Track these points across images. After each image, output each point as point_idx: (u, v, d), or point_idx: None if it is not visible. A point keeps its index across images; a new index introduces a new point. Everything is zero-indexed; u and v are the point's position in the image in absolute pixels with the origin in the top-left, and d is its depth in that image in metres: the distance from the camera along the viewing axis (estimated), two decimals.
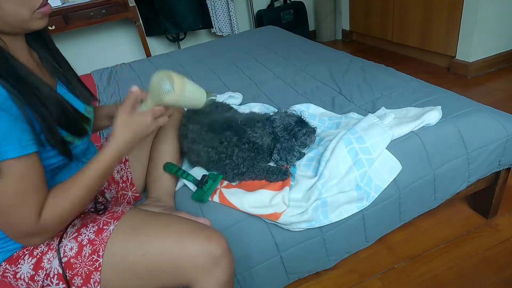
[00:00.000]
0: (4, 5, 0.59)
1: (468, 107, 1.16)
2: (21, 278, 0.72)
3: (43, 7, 0.65)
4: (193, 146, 1.03)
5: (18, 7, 0.61)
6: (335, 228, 1.00)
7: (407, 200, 1.08)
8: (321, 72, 1.62)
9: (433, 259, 1.21)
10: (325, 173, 0.97)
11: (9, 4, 0.59)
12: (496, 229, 1.29)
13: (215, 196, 0.98)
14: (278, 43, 2.16)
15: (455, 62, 2.42)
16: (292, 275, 1.05)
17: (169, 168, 1.02)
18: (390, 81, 1.40)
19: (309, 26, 3.55)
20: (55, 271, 0.71)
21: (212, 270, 0.73)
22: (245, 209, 0.94)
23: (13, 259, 0.72)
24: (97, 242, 0.72)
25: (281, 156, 1.02)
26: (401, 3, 2.70)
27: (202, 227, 0.78)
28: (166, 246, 0.73)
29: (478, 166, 1.14)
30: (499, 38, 2.32)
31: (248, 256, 0.96)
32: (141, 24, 2.89)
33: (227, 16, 3.08)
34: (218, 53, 2.12)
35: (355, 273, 1.20)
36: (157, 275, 0.74)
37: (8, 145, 0.56)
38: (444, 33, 2.41)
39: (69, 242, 0.73)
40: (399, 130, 1.06)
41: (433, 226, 1.33)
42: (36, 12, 0.64)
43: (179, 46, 3.21)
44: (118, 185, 0.99)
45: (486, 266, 1.16)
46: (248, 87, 1.60)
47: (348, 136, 1.02)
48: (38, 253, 0.72)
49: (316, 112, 1.30)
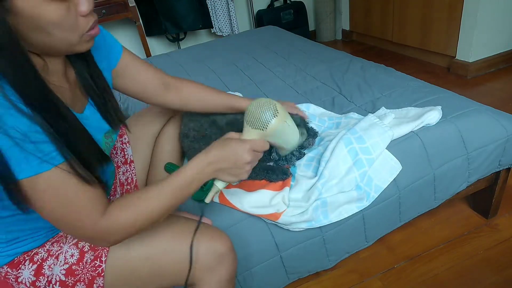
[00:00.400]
0: (54, 31, 0.55)
1: (468, 107, 1.16)
2: (22, 282, 0.71)
3: (92, 30, 0.60)
4: (194, 145, 1.03)
5: (68, 33, 0.57)
6: (335, 228, 1.00)
7: (407, 200, 1.08)
8: (321, 72, 1.62)
9: (433, 259, 1.21)
10: (325, 173, 0.97)
11: (59, 31, 0.55)
12: (496, 229, 1.29)
13: (215, 196, 0.99)
14: (278, 43, 2.16)
15: (455, 62, 2.42)
16: (292, 275, 1.06)
17: (169, 168, 1.02)
18: (390, 81, 1.41)
19: (309, 26, 3.55)
20: (57, 277, 0.70)
21: (216, 268, 0.74)
22: (245, 209, 0.94)
23: (14, 264, 0.71)
24: (99, 248, 0.72)
25: (280, 155, 1.02)
26: (401, 3, 2.70)
27: (205, 226, 0.78)
28: (169, 246, 0.73)
29: (478, 166, 1.14)
30: (499, 38, 2.32)
31: (248, 256, 0.96)
32: (141, 24, 2.89)
33: (227, 16, 3.08)
34: (218, 53, 2.12)
35: (355, 273, 1.20)
36: (160, 276, 0.74)
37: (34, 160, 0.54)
38: (444, 33, 2.41)
39: (70, 248, 0.72)
40: (399, 130, 1.06)
41: (433, 226, 1.33)
42: (85, 35, 0.60)
43: (179, 46, 3.21)
44: (123, 187, 0.99)
45: (486, 266, 1.16)
46: (248, 87, 1.60)
47: (348, 136, 1.02)
48: (38, 260, 0.71)
49: (316, 112, 1.30)
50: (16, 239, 0.70)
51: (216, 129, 1.03)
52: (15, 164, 0.52)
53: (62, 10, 0.54)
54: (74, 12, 0.56)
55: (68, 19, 0.55)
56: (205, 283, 0.74)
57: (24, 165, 0.52)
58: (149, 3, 2.83)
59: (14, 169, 0.52)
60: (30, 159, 0.53)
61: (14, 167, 0.52)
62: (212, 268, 0.74)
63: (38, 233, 0.72)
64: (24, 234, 0.70)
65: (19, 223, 0.68)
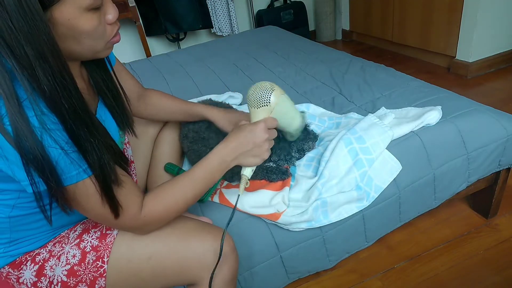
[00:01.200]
0: (85, 40, 0.57)
1: (468, 107, 1.16)
2: (24, 283, 0.71)
3: (115, 37, 0.64)
4: (194, 146, 1.03)
5: (97, 41, 0.59)
6: (335, 228, 1.00)
7: (407, 200, 1.08)
8: (321, 72, 1.62)
9: (433, 259, 1.21)
10: (325, 173, 0.97)
11: (90, 40, 0.58)
12: (496, 229, 1.29)
13: (215, 196, 0.99)
14: (278, 43, 2.16)
15: (455, 62, 2.42)
16: (292, 275, 1.06)
17: (169, 168, 1.02)
18: (390, 81, 1.41)
19: (309, 26, 3.55)
20: (59, 278, 0.70)
21: (218, 268, 0.74)
22: (245, 209, 0.94)
23: (15, 264, 0.71)
24: (101, 248, 0.72)
25: (280, 156, 1.02)
26: (401, 3, 2.70)
27: (207, 226, 0.79)
28: (172, 245, 0.73)
29: (478, 166, 1.14)
30: (499, 38, 2.32)
31: (248, 256, 0.96)
32: (141, 24, 2.89)
33: (227, 16, 3.08)
34: (218, 53, 2.12)
35: (355, 273, 1.20)
36: (163, 276, 0.74)
37: (73, 170, 0.57)
38: (444, 33, 2.41)
39: (71, 249, 0.72)
40: (399, 130, 1.06)
41: (433, 226, 1.33)
42: (109, 43, 0.63)
43: (179, 46, 3.21)
44: None
45: (486, 266, 1.16)
46: (248, 87, 1.59)
47: (348, 136, 1.02)
48: (40, 260, 0.71)
49: (316, 112, 1.30)
50: (19, 239, 0.70)
51: (211, 133, 1.03)
52: (62, 172, 0.55)
53: (95, 20, 0.56)
54: (103, 21, 0.59)
55: (99, 28, 0.58)
56: (207, 282, 0.74)
57: (69, 172, 0.56)
58: (149, 3, 2.83)
59: (61, 176, 0.55)
60: (75, 167, 0.56)
61: (61, 175, 0.55)
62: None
63: (42, 232, 0.72)
64: (28, 234, 0.70)
65: (28, 222, 0.69)
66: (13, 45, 0.48)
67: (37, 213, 0.68)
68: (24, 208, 0.66)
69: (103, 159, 0.59)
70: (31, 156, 0.51)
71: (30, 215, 0.68)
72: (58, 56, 0.52)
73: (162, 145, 1.06)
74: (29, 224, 0.69)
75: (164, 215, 0.70)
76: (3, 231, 0.68)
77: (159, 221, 0.71)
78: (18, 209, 0.66)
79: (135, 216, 0.66)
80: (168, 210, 0.70)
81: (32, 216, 0.68)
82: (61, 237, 0.74)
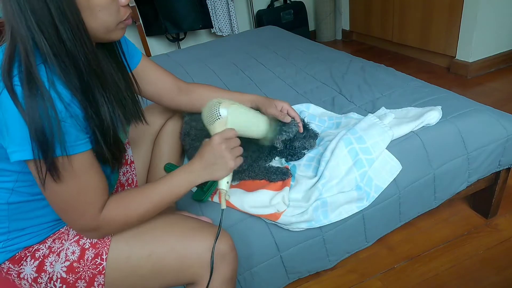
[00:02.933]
0: (100, 14, 0.61)
1: (468, 107, 1.16)
2: (24, 278, 0.72)
3: (127, 19, 0.67)
4: (195, 143, 1.03)
5: (111, 17, 0.63)
6: (335, 228, 1.00)
7: (407, 200, 1.08)
8: (321, 72, 1.62)
9: (433, 259, 1.21)
10: (325, 173, 0.97)
11: (104, 14, 0.62)
12: (496, 229, 1.29)
13: (215, 196, 0.99)
14: (278, 43, 2.16)
15: (455, 62, 2.42)
16: (292, 275, 1.06)
17: (169, 168, 1.02)
18: (390, 81, 1.41)
19: (309, 26, 3.55)
20: (58, 274, 0.71)
21: (218, 267, 0.74)
22: (245, 209, 0.94)
23: (15, 260, 0.72)
24: (100, 245, 0.72)
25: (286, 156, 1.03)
26: (401, 3, 2.70)
27: (207, 225, 0.79)
28: (172, 244, 0.74)
29: (478, 166, 1.14)
30: (499, 38, 2.33)
31: (249, 256, 0.96)
32: (141, 24, 2.89)
33: (227, 16, 3.08)
34: (218, 53, 2.12)
35: (355, 273, 1.20)
36: (162, 274, 0.74)
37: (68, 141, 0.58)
38: (444, 33, 2.41)
39: (71, 245, 0.72)
40: (399, 130, 1.06)
41: (433, 226, 1.33)
42: (121, 23, 0.66)
43: (179, 46, 3.21)
44: (124, 188, 0.99)
45: (486, 266, 1.16)
46: (248, 87, 1.60)
47: (348, 136, 1.02)
48: (40, 256, 0.71)
49: (316, 112, 1.30)
50: (18, 231, 0.70)
51: None
52: (64, 141, 0.57)
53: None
54: (117, 1, 0.64)
55: (113, 5, 0.63)
56: (207, 281, 0.74)
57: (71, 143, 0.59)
58: (149, 3, 2.83)
59: (62, 145, 0.57)
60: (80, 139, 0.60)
61: (61, 143, 0.57)
62: (215, 266, 0.74)
63: (41, 225, 0.72)
64: (27, 226, 0.71)
65: (26, 211, 0.70)
66: (35, 2, 0.55)
67: (35, 200, 0.69)
68: (23, 194, 0.67)
69: (115, 114, 0.65)
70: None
71: (29, 203, 0.69)
72: (76, 12, 0.58)
73: (162, 145, 1.06)
74: (27, 213, 0.70)
75: (123, 220, 0.70)
76: (1, 220, 0.69)
77: (116, 225, 0.70)
78: (17, 195, 0.67)
79: (95, 215, 0.66)
80: (128, 215, 0.70)
81: (30, 204, 0.69)
82: (60, 233, 0.74)
